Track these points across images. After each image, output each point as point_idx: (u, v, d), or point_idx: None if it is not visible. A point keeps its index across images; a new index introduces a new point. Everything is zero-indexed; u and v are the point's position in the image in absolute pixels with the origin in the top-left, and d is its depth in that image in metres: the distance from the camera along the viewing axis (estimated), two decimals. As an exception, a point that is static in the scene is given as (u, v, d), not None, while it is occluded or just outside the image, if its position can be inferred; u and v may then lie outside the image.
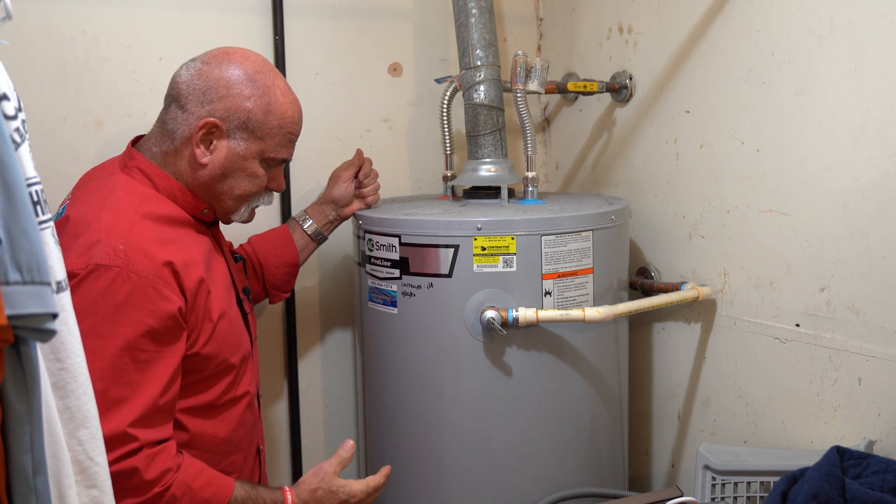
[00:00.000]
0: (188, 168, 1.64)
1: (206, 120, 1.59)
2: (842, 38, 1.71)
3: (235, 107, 1.61)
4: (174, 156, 1.64)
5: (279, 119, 1.64)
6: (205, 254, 1.65)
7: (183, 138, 1.62)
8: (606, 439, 2.02)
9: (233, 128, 1.61)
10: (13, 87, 1.04)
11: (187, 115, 1.61)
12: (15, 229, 0.90)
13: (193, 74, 1.62)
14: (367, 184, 2.06)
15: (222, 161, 1.63)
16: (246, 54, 1.66)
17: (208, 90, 1.60)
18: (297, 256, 2.06)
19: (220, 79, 1.61)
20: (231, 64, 1.62)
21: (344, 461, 1.69)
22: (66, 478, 1.09)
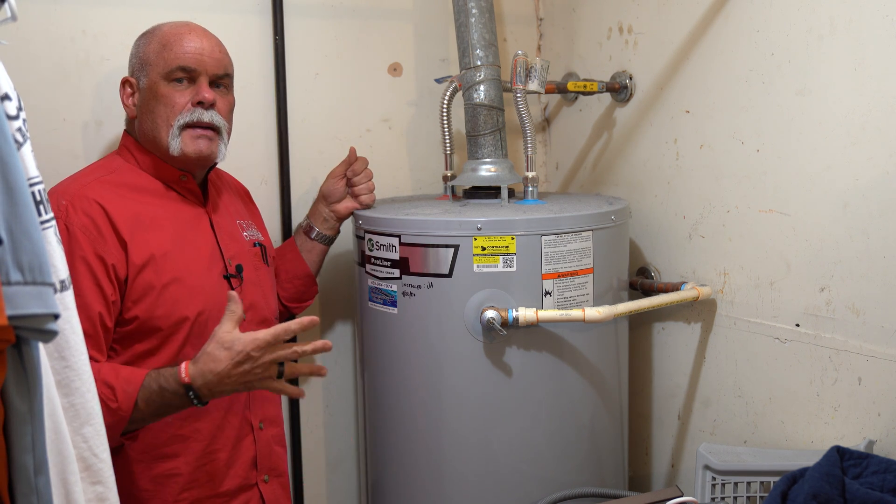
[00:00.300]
0: (135, 128, 1.80)
1: (122, 79, 1.80)
2: (842, 38, 1.71)
3: (134, 55, 1.81)
4: (130, 126, 1.83)
5: (160, 37, 1.78)
6: (171, 223, 1.75)
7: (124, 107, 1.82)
8: (606, 439, 2.02)
9: (138, 74, 1.78)
10: (13, 87, 1.04)
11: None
12: (17, 229, 0.90)
13: None
14: (357, 182, 2.06)
15: (140, 102, 1.78)
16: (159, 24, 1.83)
17: (129, 64, 1.83)
18: (306, 267, 2.08)
19: (132, 47, 1.83)
20: (137, 37, 1.83)
21: (233, 315, 1.58)
22: (72, 475, 1.09)
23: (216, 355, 1.55)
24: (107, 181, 1.72)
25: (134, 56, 1.80)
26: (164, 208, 1.76)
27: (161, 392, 1.57)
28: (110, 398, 1.55)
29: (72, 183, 1.72)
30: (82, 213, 1.64)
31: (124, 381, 1.57)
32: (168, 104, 1.74)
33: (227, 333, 1.56)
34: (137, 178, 1.76)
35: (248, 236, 1.92)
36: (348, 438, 2.43)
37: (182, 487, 1.74)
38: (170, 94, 1.74)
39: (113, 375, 1.58)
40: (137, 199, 1.73)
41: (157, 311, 1.68)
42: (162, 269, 1.69)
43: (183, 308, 1.70)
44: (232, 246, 1.85)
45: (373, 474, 2.08)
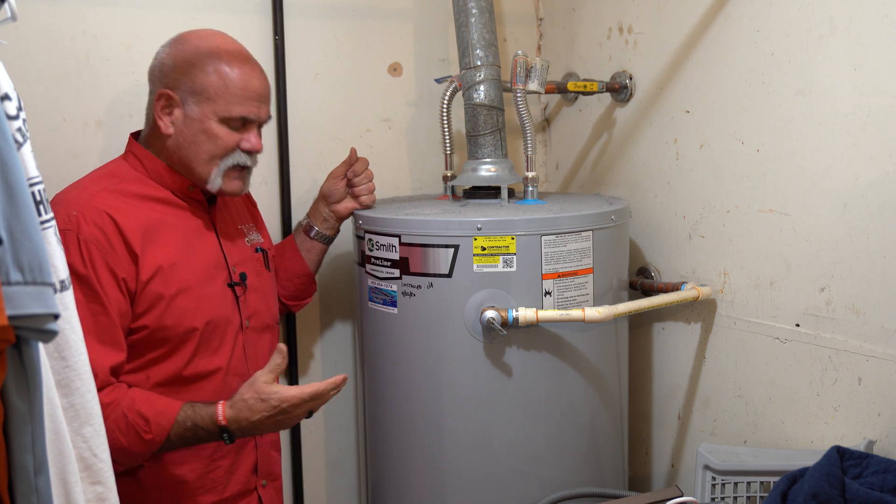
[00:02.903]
0: (162, 143, 1.76)
1: (159, 92, 1.73)
2: (842, 38, 1.71)
3: (183, 73, 1.72)
4: (152, 136, 1.78)
5: (225, 77, 1.72)
6: (179, 233, 1.74)
7: (152, 116, 1.76)
8: (606, 439, 2.02)
9: (184, 95, 1.72)
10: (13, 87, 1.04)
11: (151, 94, 1.77)
12: (17, 229, 0.90)
13: (156, 61, 1.78)
14: (357, 182, 2.06)
15: (182, 127, 1.73)
16: (198, 31, 1.78)
17: (162, 67, 1.75)
18: (305, 266, 2.08)
19: (169, 54, 1.75)
20: (183, 41, 1.76)
21: (276, 367, 1.66)
22: (72, 475, 1.10)
23: (254, 406, 1.63)
24: (116, 191, 1.70)
25: (178, 71, 1.72)
26: (172, 217, 1.75)
27: (195, 429, 1.63)
28: (144, 430, 1.59)
29: (81, 192, 1.69)
30: (93, 225, 1.62)
31: (158, 413, 1.61)
32: (218, 144, 1.73)
33: (266, 385, 1.64)
34: (145, 187, 1.74)
35: (250, 241, 1.92)
36: (348, 438, 2.43)
37: (188, 494, 1.75)
38: (222, 135, 1.72)
39: (147, 406, 1.61)
40: (146, 209, 1.72)
41: (165, 321, 1.68)
42: (170, 280, 1.69)
43: (191, 318, 1.71)
44: (235, 253, 1.85)
45: (373, 474, 2.08)
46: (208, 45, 1.73)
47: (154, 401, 1.63)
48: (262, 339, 1.89)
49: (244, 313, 1.82)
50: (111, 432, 1.53)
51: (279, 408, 1.63)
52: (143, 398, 1.62)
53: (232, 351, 1.79)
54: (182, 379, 1.72)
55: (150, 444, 1.61)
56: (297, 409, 1.65)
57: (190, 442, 1.66)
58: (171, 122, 1.73)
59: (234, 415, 1.63)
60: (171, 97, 1.72)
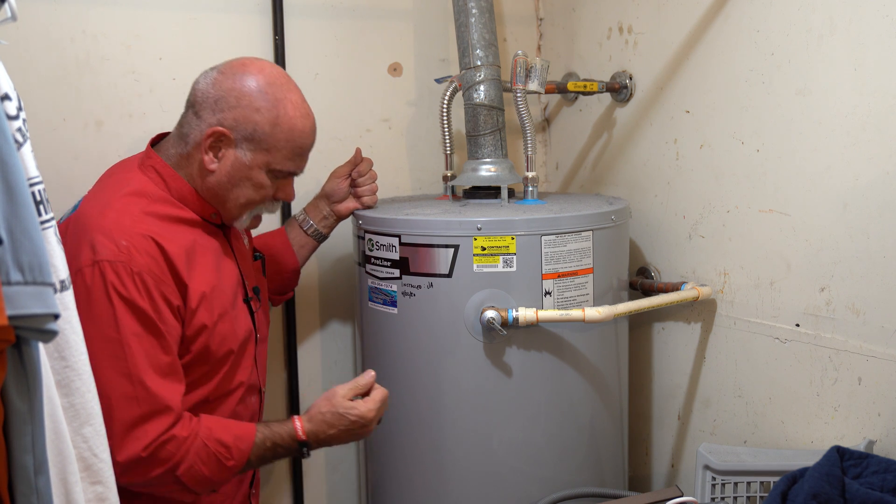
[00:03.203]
0: (198, 173, 1.69)
1: (214, 128, 1.64)
2: (842, 38, 1.71)
3: (244, 117, 1.64)
4: (186, 159, 1.69)
5: (287, 132, 1.67)
6: (211, 255, 1.70)
7: (195, 143, 1.67)
8: (606, 439, 2.02)
9: (240, 138, 1.65)
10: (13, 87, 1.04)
11: (200, 122, 1.66)
12: (17, 229, 0.90)
13: (209, 83, 1.67)
14: (361, 183, 2.05)
15: (228, 169, 1.67)
16: (262, 66, 1.69)
17: (220, 99, 1.65)
18: (296, 263, 2.08)
19: (232, 89, 1.65)
20: (246, 75, 1.66)
21: (358, 388, 1.71)
22: (72, 475, 1.10)
23: (332, 421, 1.68)
24: (153, 213, 1.63)
25: (242, 117, 1.63)
26: (202, 240, 1.70)
27: (274, 448, 1.66)
28: (226, 457, 1.59)
29: (120, 217, 1.59)
30: (145, 255, 1.56)
31: (237, 438, 1.61)
32: (259, 193, 1.70)
33: (344, 399, 1.69)
34: (173, 208, 1.68)
35: (247, 246, 1.92)
36: (348, 438, 2.43)
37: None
38: (265, 185, 1.70)
39: (225, 433, 1.60)
40: (182, 232, 1.66)
41: (210, 346, 1.66)
42: (211, 306, 1.66)
43: (229, 341, 1.70)
44: (247, 267, 1.84)
45: (373, 474, 2.08)
46: (275, 91, 1.66)
47: (230, 426, 1.63)
48: (264, 350, 1.90)
49: (257, 326, 1.82)
50: (194, 466, 1.56)
51: (357, 422, 1.68)
52: (217, 426, 1.61)
53: (251, 366, 1.79)
54: (210, 398, 1.70)
55: (232, 470, 1.61)
56: (373, 422, 1.71)
57: (267, 460, 1.68)
58: (217, 159, 1.67)
59: (312, 429, 1.67)
60: (225, 136, 1.64)
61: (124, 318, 1.53)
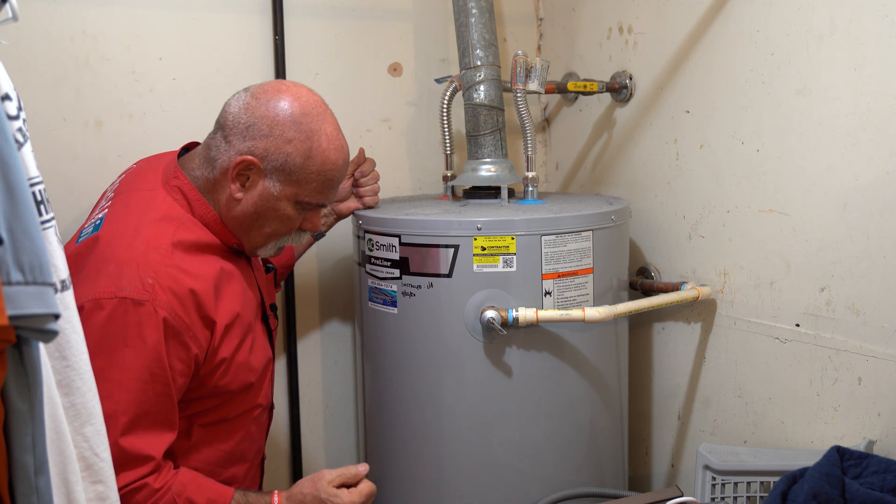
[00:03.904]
0: (223, 199, 1.63)
1: (244, 157, 1.58)
2: (842, 38, 1.71)
3: (275, 148, 1.58)
4: (213, 184, 1.64)
5: (319, 165, 1.62)
6: (236, 282, 1.66)
7: (222, 169, 1.62)
8: (606, 439, 2.02)
9: (270, 168, 1.59)
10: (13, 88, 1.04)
11: (229, 147, 1.60)
12: (18, 229, 0.90)
13: (242, 107, 1.61)
14: (363, 183, 2.05)
15: (256, 199, 1.62)
16: (298, 93, 1.63)
17: (252, 126, 1.59)
18: (292, 258, 2.08)
19: (264, 116, 1.59)
20: (279, 102, 1.60)
21: (347, 477, 1.64)
22: (73, 474, 1.10)
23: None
24: (181, 243, 1.57)
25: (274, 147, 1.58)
26: (227, 265, 1.65)
27: None
28: None
29: (148, 250, 1.52)
30: (171, 294, 1.50)
31: (210, 501, 1.56)
32: (285, 224, 1.66)
33: (329, 486, 1.61)
34: (200, 233, 1.62)
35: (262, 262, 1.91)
36: (348, 438, 2.43)
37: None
38: (292, 217, 1.65)
39: (198, 494, 1.55)
40: (210, 262, 1.60)
41: (224, 379, 1.63)
42: (232, 337, 1.61)
43: (247, 373, 1.67)
44: (263, 284, 1.82)
45: (373, 474, 2.08)
46: (310, 123, 1.60)
47: (205, 488, 1.57)
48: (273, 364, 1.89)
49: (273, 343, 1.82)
50: None
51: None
52: (193, 483, 1.56)
53: (268, 387, 1.79)
54: (227, 420, 1.69)
55: None
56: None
57: None
58: (244, 188, 1.61)
59: None
60: (255, 166, 1.59)
61: (133, 362, 1.47)
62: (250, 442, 1.77)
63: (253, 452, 1.79)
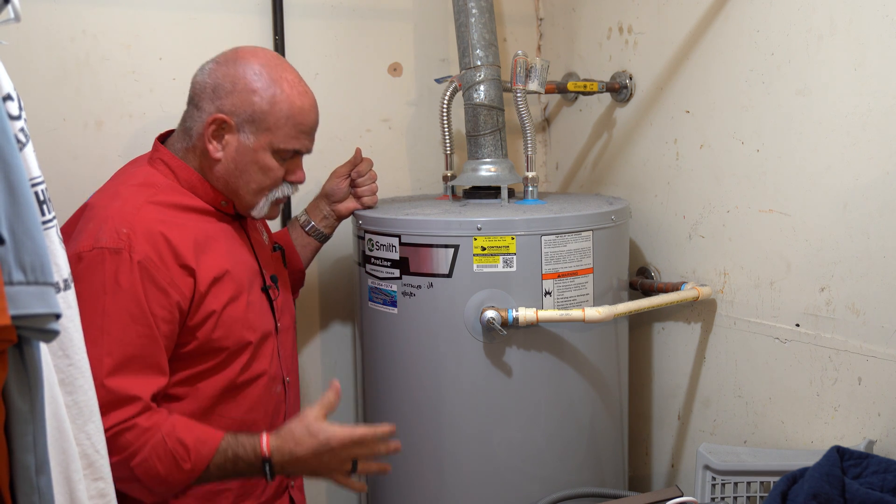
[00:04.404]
0: (206, 164, 1.71)
1: (214, 116, 1.66)
2: (842, 38, 1.71)
3: (242, 101, 1.66)
4: (193, 152, 1.71)
5: (286, 109, 1.68)
6: (223, 243, 1.71)
7: (198, 135, 1.69)
8: (606, 439, 2.02)
9: (241, 122, 1.67)
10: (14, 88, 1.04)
11: (201, 112, 1.69)
12: (19, 229, 0.90)
13: (206, 74, 1.70)
14: (361, 183, 2.05)
15: (234, 155, 1.69)
16: (255, 51, 1.72)
17: (217, 87, 1.67)
18: (300, 263, 2.08)
19: (226, 75, 1.68)
20: (239, 61, 1.69)
21: (330, 404, 1.60)
22: (76, 472, 1.10)
23: (300, 439, 1.57)
24: (158, 202, 1.64)
25: (241, 101, 1.66)
26: (212, 227, 1.71)
27: (235, 460, 1.57)
28: (183, 458, 1.53)
29: (124, 205, 1.60)
30: (146, 243, 1.56)
31: (199, 441, 1.55)
32: (269, 176, 1.70)
33: (316, 420, 1.58)
34: (182, 197, 1.68)
35: (267, 241, 1.92)
36: (348, 438, 2.43)
37: (231, 499, 1.74)
38: (273, 167, 1.70)
39: (188, 433, 1.55)
40: (190, 220, 1.66)
41: (216, 333, 1.64)
42: (221, 291, 1.65)
43: (242, 330, 1.68)
44: (264, 256, 1.84)
45: (373, 474, 2.08)
46: (270, 72, 1.68)
47: (195, 428, 1.56)
48: (288, 339, 1.88)
49: (277, 316, 1.81)
50: (148, 459, 1.50)
51: (327, 445, 1.56)
52: (183, 425, 1.55)
53: (271, 355, 1.78)
54: (234, 387, 1.69)
55: (189, 474, 1.54)
56: (344, 450, 1.58)
57: (229, 474, 1.58)
58: (221, 146, 1.68)
59: (278, 445, 1.57)
60: (227, 124, 1.66)
61: (112, 307, 1.52)
62: (262, 413, 1.76)
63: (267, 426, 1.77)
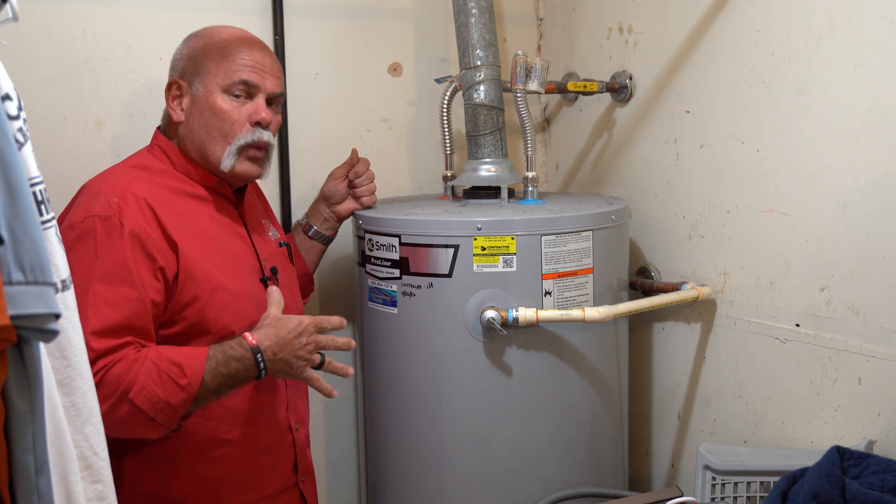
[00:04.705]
0: (177, 133, 1.77)
1: (169, 81, 1.76)
2: (842, 38, 1.71)
3: (183, 58, 1.76)
4: (168, 129, 1.80)
5: (218, 45, 1.74)
6: (215, 229, 1.74)
7: (167, 110, 1.79)
8: (606, 439, 2.02)
9: (187, 77, 1.74)
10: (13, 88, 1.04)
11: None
12: (18, 229, 0.90)
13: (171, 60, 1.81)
14: (359, 184, 2.05)
15: (192, 110, 1.74)
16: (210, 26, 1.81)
17: (174, 62, 1.79)
18: (306, 265, 2.09)
19: (180, 49, 1.79)
20: (193, 36, 1.80)
21: (280, 302, 1.69)
22: (73, 474, 1.10)
23: (279, 323, 1.64)
24: (150, 181, 1.69)
25: (185, 58, 1.75)
26: (205, 213, 1.73)
27: (226, 362, 1.58)
28: (178, 375, 1.54)
29: (117, 180, 1.67)
30: (136, 211, 1.61)
31: (189, 356, 1.57)
32: (226, 120, 1.71)
33: (279, 312, 1.67)
34: (176, 181, 1.73)
35: (273, 236, 1.92)
36: (348, 438, 2.43)
37: (229, 492, 1.73)
38: (228, 109, 1.71)
39: (175, 353, 1.57)
40: (180, 203, 1.70)
41: (205, 315, 1.66)
42: (209, 276, 1.66)
43: (228, 318, 1.68)
44: (264, 248, 1.84)
45: (373, 474, 2.08)
46: (213, 31, 1.77)
47: (182, 349, 1.59)
48: None
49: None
50: (145, 387, 1.51)
51: (302, 323, 1.64)
52: (169, 349, 1.58)
53: None
54: None
55: (187, 389, 1.55)
56: (314, 333, 1.66)
57: (223, 382, 1.59)
58: (181, 108, 1.74)
59: (262, 333, 1.62)
60: (179, 84, 1.74)
61: (102, 270, 1.55)
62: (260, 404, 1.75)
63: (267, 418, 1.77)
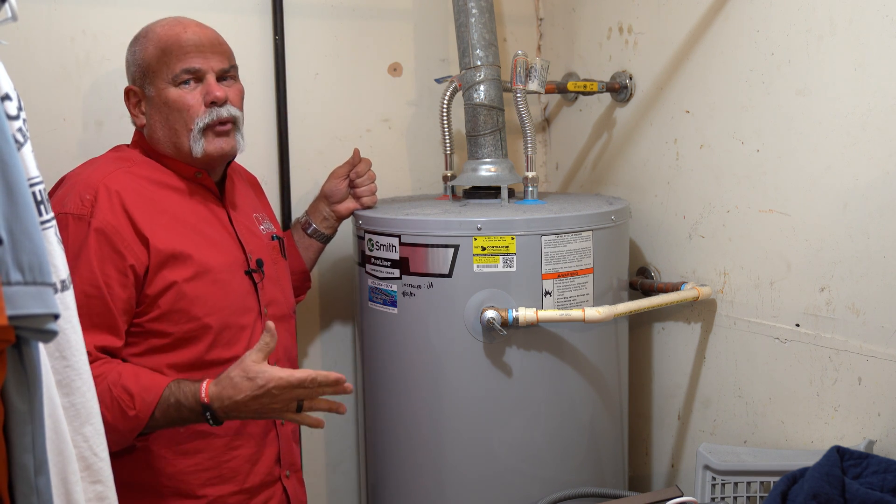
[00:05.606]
0: (147, 135, 1.78)
1: (125, 89, 1.78)
2: (842, 38, 1.71)
3: (130, 64, 1.78)
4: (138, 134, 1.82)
5: (157, 42, 1.74)
6: (194, 219, 1.74)
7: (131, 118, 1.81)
8: (606, 439, 2.02)
9: (138, 81, 1.76)
10: (13, 88, 1.04)
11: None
12: (17, 229, 0.90)
13: None
14: (360, 183, 2.06)
15: (152, 111, 1.75)
16: (143, 26, 1.81)
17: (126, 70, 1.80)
18: (303, 263, 2.08)
19: (126, 56, 1.80)
20: (134, 39, 1.80)
21: (265, 346, 1.58)
22: (73, 475, 1.10)
23: (238, 384, 1.56)
24: (130, 173, 1.71)
25: (132, 64, 1.77)
26: (183, 204, 1.75)
27: (178, 407, 1.59)
28: (128, 405, 1.56)
29: (93, 172, 1.69)
30: (107, 210, 1.62)
31: (144, 389, 1.58)
32: (182, 109, 1.72)
33: (254, 364, 1.56)
34: (157, 173, 1.75)
35: (265, 230, 1.92)
36: (348, 438, 2.43)
37: (204, 482, 1.74)
38: (181, 98, 1.72)
39: (133, 382, 1.58)
40: (158, 195, 1.72)
41: (182, 301, 1.67)
42: (184, 266, 1.68)
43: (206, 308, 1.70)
44: (251, 241, 1.84)
45: (373, 474, 2.08)
46: (149, 29, 1.77)
47: (141, 376, 1.59)
48: (280, 329, 1.86)
49: (262, 301, 1.81)
50: None
51: (265, 388, 1.54)
52: (130, 373, 1.59)
53: (249, 340, 1.77)
54: (203, 364, 1.70)
55: (135, 421, 1.56)
56: (284, 392, 1.55)
57: (175, 422, 1.60)
58: (141, 112, 1.77)
59: (217, 392, 1.56)
60: (134, 91, 1.77)
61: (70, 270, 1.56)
62: None
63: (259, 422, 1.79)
